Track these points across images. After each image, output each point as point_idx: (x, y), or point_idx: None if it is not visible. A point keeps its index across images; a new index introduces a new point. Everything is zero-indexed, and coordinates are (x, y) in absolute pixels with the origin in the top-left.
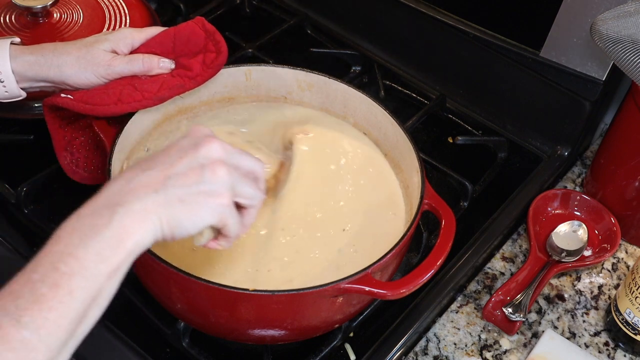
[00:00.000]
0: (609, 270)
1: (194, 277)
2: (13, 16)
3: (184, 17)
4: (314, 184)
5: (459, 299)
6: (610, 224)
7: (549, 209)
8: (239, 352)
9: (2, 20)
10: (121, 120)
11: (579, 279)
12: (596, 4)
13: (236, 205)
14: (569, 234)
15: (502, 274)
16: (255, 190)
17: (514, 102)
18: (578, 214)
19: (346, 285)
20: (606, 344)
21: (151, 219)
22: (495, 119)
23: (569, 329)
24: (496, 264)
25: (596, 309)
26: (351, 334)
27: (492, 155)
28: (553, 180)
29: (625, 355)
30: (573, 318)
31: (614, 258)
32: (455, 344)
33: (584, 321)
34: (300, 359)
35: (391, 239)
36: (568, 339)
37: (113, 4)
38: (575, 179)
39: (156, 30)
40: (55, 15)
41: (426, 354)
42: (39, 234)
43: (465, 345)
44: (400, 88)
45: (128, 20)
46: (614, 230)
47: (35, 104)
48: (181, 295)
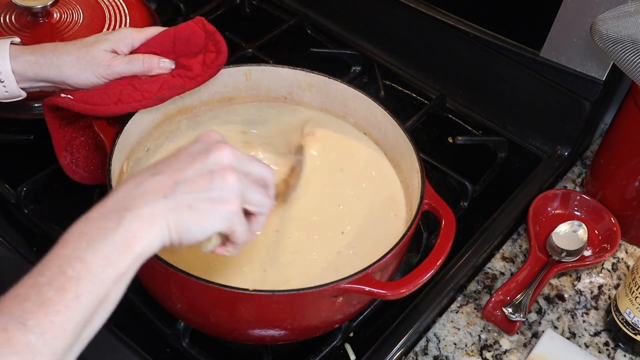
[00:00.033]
0: (609, 270)
1: (194, 277)
2: (13, 16)
3: (184, 17)
4: (323, 189)
5: (459, 299)
6: (610, 224)
7: (549, 209)
8: (239, 352)
9: (2, 20)
10: (121, 120)
11: (579, 279)
12: (596, 4)
13: (245, 211)
14: (569, 234)
15: (502, 274)
16: (265, 197)
17: (514, 102)
18: (578, 214)
19: (346, 285)
20: (606, 344)
21: (159, 224)
22: (495, 119)
23: (569, 329)
24: (496, 264)
25: (596, 309)
26: (351, 334)
27: (492, 155)
28: (553, 180)
29: (625, 355)
30: (573, 318)
31: (614, 258)
32: (455, 344)
33: (584, 321)
34: (300, 359)
35: (392, 240)
36: (568, 339)
37: (113, 4)
38: (575, 179)
39: (156, 30)
40: (55, 15)
41: (426, 354)
42: (39, 234)
43: (465, 345)
44: (400, 88)
45: (128, 20)
46: (614, 230)
47: (35, 104)
48: (181, 295)
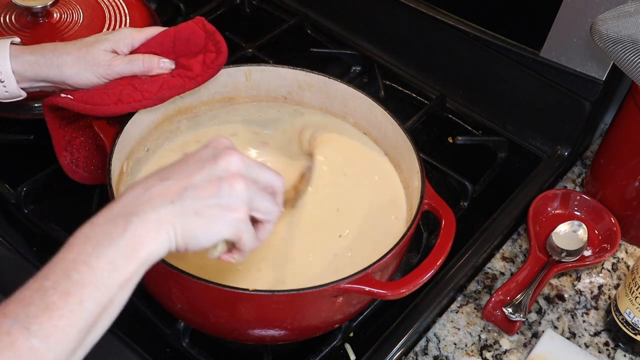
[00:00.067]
0: (609, 270)
1: (194, 277)
2: (13, 16)
3: (184, 17)
4: (327, 193)
5: (459, 299)
6: (610, 224)
7: (549, 209)
8: (239, 352)
9: (2, 20)
10: (121, 120)
11: (579, 279)
12: (596, 4)
13: (252, 218)
14: (569, 234)
15: (502, 274)
16: (273, 204)
17: (514, 102)
18: (578, 214)
19: (346, 285)
20: (606, 344)
21: (166, 230)
22: (495, 119)
23: (569, 329)
24: (496, 264)
25: (596, 309)
26: (351, 334)
27: (492, 155)
28: (553, 180)
29: (625, 355)
30: (573, 318)
31: (614, 258)
32: (455, 344)
33: (584, 321)
34: (300, 359)
35: (392, 241)
36: (568, 339)
37: (113, 4)
38: (575, 179)
39: (156, 30)
40: (55, 15)
41: (426, 354)
42: (39, 234)
43: (465, 345)
44: (400, 88)
45: (128, 20)
46: (614, 230)
47: (35, 104)
48: (181, 295)
